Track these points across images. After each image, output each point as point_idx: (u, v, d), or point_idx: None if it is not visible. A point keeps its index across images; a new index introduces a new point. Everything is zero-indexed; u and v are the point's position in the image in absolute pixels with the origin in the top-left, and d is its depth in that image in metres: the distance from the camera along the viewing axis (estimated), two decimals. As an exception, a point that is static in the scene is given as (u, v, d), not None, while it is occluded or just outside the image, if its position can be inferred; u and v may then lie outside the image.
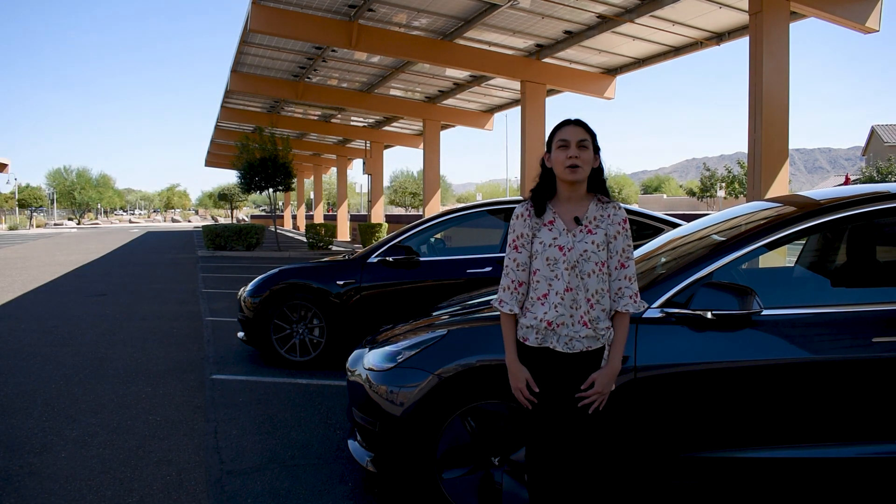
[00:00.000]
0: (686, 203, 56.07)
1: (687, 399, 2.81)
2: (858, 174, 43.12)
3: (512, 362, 2.40)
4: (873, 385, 2.77)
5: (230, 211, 56.92)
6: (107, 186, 75.73)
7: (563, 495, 2.38)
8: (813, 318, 2.88)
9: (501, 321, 2.44)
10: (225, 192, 54.21)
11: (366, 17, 13.01)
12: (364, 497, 3.29)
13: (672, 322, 2.84)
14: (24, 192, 58.21)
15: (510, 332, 2.42)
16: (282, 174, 20.47)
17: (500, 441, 2.92)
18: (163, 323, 8.29)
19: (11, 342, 7.06)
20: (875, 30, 9.86)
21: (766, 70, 9.11)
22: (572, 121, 2.39)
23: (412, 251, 6.08)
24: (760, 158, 9.22)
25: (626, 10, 11.66)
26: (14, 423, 4.41)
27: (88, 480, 3.48)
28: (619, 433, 2.79)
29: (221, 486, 3.42)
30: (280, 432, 4.24)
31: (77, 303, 10.06)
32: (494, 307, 2.49)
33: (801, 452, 2.78)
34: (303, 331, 6.15)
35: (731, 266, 3.02)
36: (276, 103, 23.04)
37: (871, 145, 50.70)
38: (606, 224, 2.36)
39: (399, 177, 66.36)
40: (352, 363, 3.48)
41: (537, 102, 14.91)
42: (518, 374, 2.37)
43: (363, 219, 28.92)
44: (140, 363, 6.10)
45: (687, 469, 2.83)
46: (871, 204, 3.02)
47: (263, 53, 16.55)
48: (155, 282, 13.18)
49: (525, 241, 2.39)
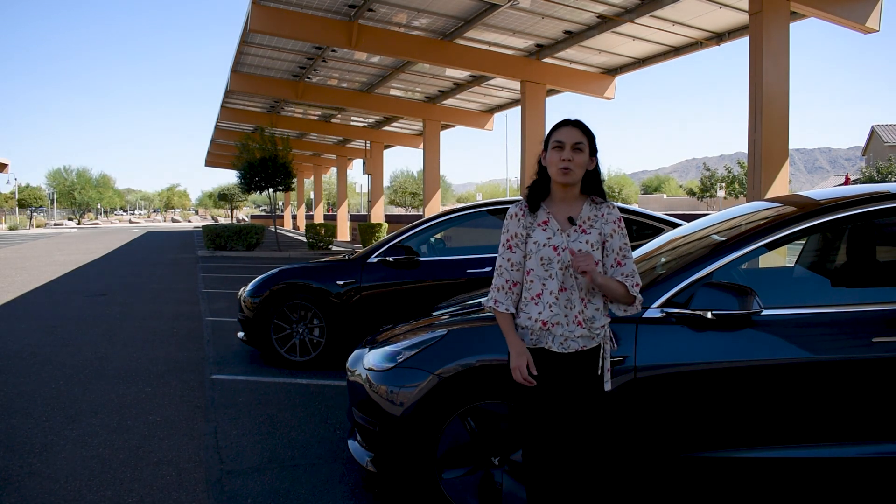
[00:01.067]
0: (686, 203, 56.05)
1: (687, 399, 2.81)
2: (858, 174, 43.12)
3: (514, 341, 2.35)
4: (873, 385, 2.77)
5: (230, 211, 56.92)
6: (107, 186, 75.74)
7: (562, 495, 2.38)
8: (813, 318, 2.88)
9: (498, 319, 2.43)
10: (225, 192, 54.20)
11: (366, 17, 13.01)
12: (364, 497, 3.29)
13: (672, 322, 2.84)
14: (24, 192, 58.27)
15: (508, 323, 2.39)
16: (282, 174, 20.47)
17: (500, 441, 2.92)
18: (163, 323, 8.29)
19: (11, 342, 7.06)
20: (875, 30, 9.86)
21: (766, 70, 9.11)
22: (571, 121, 2.38)
23: (412, 251, 6.08)
24: (760, 158, 9.22)
25: (626, 10, 11.66)
26: (14, 423, 4.41)
27: (88, 480, 3.48)
28: (618, 433, 2.79)
29: (221, 486, 3.42)
30: (280, 432, 4.24)
31: (77, 303, 10.06)
32: (486, 308, 2.49)
33: (802, 452, 2.78)
34: (303, 331, 6.15)
35: (731, 266, 3.02)
36: (276, 103, 23.04)
37: (871, 145, 50.71)
38: (601, 223, 2.36)
39: (399, 177, 66.34)
40: (352, 363, 3.48)
41: (537, 102, 14.91)
42: (520, 352, 2.33)
43: (363, 219, 28.92)
44: (140, 363, 6.10)
45: (687, 469, 2.83)
46: (871, 204, 3.02)
47: (263, 53, 16.55)
48: (155, 282, 13.19)
49: (519, 241, 2.39)
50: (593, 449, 2.40)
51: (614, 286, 2.32)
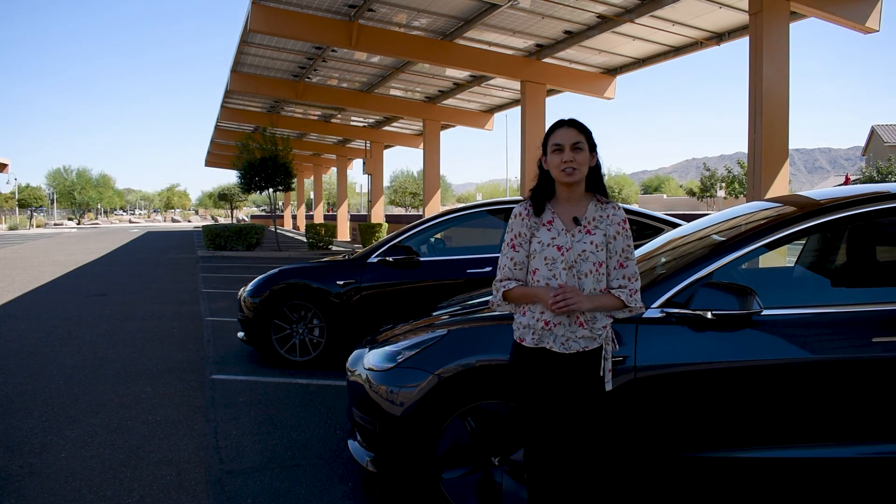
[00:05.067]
0: (686, 203, 56.05)
1: (687, 399, 2.81)
2: (858, 174, 43.12)
3: (535, 291, 2.32)
4: (873, 385, 2.77)
5: (230, 211, 56.90)
6: (107, 186, 75.71)
7: (562, 496, 2.38)
8: (813, 318, 2.88)
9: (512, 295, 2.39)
10: (225, 192, 54.19)
11: (366, 17, 13.01)
12: (364, 497, 3.29)
13: (672, 322, 2.84)
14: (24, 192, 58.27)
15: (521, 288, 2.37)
16: (282, 174, 20.48)
17: (500, 441, 2.92)
18: (163, 323, 8.29)
19: (11, 342, 7.06)
20: (875, 30, 9.86)
21: (766, 70, 9.11)
22: (565, 122, 2.38)
23: (412, 251, 6.08)
24: (760, 158, 9.22)
25: (626, 10, 11.66)
26: (14, 423, 4.41)
27: (88, 480, 3.48)
28: (618, 433, 2.79)
29: (221, 486, 3.42)
30: (280, 432, 4.24)
31: (77, 303, 10.06)
32: (492, 307, 2.49)
33: (802, 452, 2.78)
34: (303, 331, 6.15)
35: (731, 266, 3.02)
36: (276, 103, 23.04)
37: (871, 145, 50.70)
38: (605, 224, 2.36)
39: (399, 177, 66.35)
40: (352, 363, 3.48)
41: (537, 102, 14.92)
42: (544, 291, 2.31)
43: (363, 219, 28.91)
44: (140, 363, 6.10)
45: (687, 469, 2.83)
46: (871, 204, 3.02)
47: (263, 53, 16.55)
48: (155, 282, 13.18)
49: (523, 241, 2.39)
50: (594, 449, 2.40)
51: (607, 303, 2.32)
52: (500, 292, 2.41)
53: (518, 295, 2.38)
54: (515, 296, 2.39)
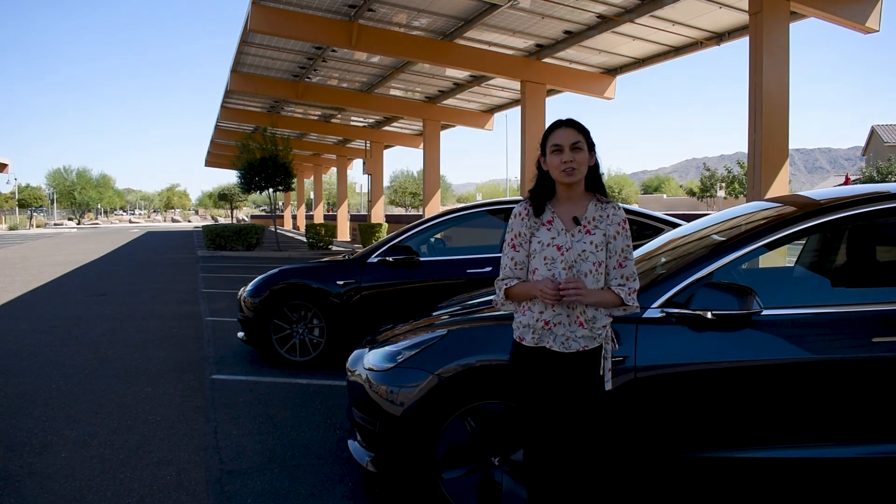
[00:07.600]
0: (686, 203, 56.04)
1: (687, 399, 2.81)
2: (858, 174, 43.12)
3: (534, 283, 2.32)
4: (873, 385, 2.77)
5: (230, 211, 56.89)
6: (107, 186, 75.72)
7: (562, 495, 2.38)
8: (813, 318, 2.88)
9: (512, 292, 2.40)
10: (225, 192, 54.16)
11: (366, 17, 13.01)
12: (364, 497, 3.29)
13: (672, 322, 2.84)
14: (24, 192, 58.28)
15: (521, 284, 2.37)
16: (282, 174, 20.47)
17: (500, 441, 2.92)
18: (163, 323, 8.29)
19: (11, 342, 7.06)
20: (875, 30, 9.86)
21: (766, 70, 9.11)
22: (563, 122, 2.38)
23: (412, 251, 6.08)
24: (760, 158, 9.22)
25: (626, 10, 11.66)
26: (14, 423, 4.41)
27: (88, 480, 3.48)
28: (618, 433, 2.79)
29: (221, 486, 3.42)
30: (280, 432, 4.24)
31: (77, 303, 10.06)
32: (497, 306, 2.49)
33: (802, 452, 2.78)
34: (303, 331, 6.15)
35: (731, 266, 3.02)
36: (276, 103, 23.03)
37: (871, 145, 50.69)
38: (605, 224, 2.36)
39: (399, 177, 66.34)
40: (352, 363, 3.48)
41: (537, 102, 14.91)
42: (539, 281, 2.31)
43: (363, 219, 28.90)
44: (140, 363, 6.10)
45: (687, 469, 2.83)
46: (871, 204, 3.02)
47: (263, 53, 16.55)
48: (155, 282, 13.18)
49: (523, 240, 2.40)
50: (593, 449, 2.40)
51: (607, 298, 2.32)
52: (502, 290, 2.43)
53: (518, 291, 2.39)
54: (516, 292, 2.40)
